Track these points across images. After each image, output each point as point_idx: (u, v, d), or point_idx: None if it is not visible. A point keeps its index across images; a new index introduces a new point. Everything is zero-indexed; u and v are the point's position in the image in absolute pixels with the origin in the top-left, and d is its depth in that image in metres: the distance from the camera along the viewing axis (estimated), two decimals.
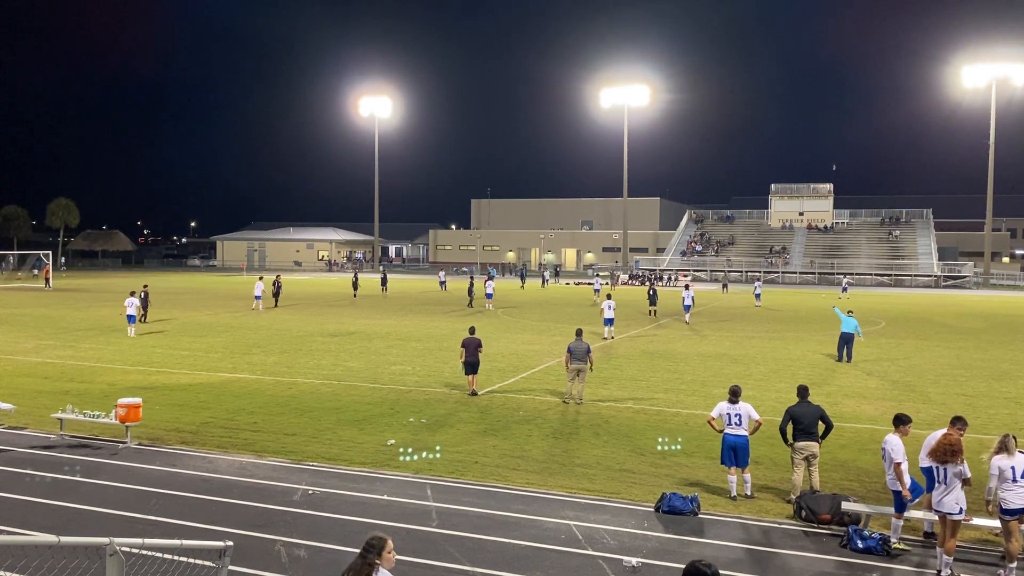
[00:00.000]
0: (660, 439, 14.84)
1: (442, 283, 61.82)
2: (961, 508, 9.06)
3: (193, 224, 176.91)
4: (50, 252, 70.48)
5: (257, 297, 40.50)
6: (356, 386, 20.07)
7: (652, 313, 39.88)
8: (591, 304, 46.81)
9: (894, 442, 10.09)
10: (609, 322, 30.27)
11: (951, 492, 9.08)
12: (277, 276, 46.42)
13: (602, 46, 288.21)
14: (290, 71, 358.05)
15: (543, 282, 71.25)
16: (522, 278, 70.56)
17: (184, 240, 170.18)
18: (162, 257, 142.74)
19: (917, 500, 10.25)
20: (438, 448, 14.12)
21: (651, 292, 41.15)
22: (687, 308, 36.87)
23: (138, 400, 14.62)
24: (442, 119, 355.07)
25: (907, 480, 9.98)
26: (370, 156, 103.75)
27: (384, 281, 58.07)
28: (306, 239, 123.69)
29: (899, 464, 9.88)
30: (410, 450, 13.91)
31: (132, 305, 30.25)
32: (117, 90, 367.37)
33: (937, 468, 9.20)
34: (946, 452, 9.13)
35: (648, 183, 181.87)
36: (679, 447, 14.50)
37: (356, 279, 53.59)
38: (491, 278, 57.43)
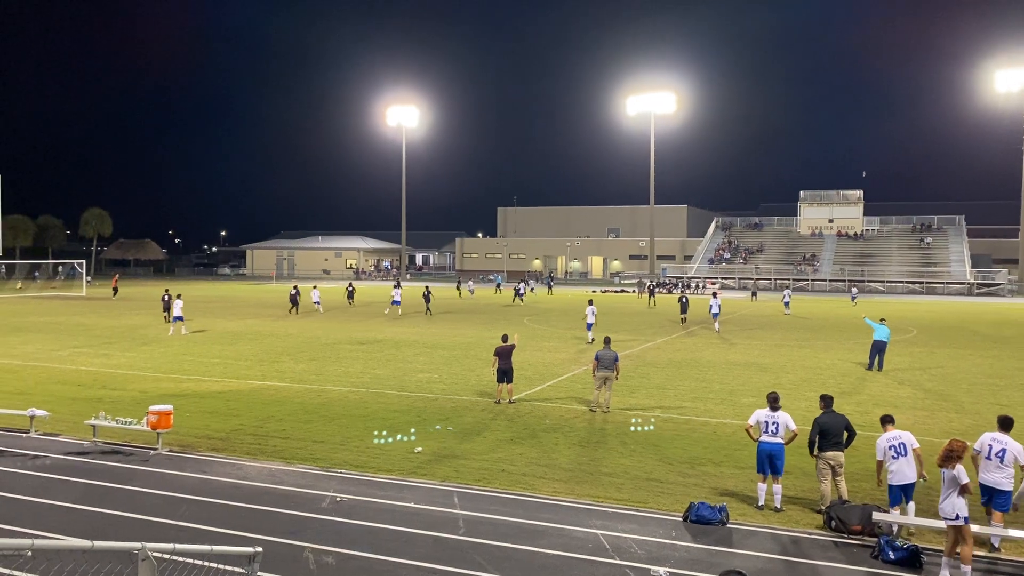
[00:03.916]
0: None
1: (470, 290, 66.00)
2: (958, 514, 8.98)
3: (223, 233, 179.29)
4: (83, 261, 71.71)
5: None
6: (384, 394, 20.16)
7: (683, 321, 39.81)
8: (511, 304, 52.88)
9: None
10: (590, 327, 31.71)
11: (947, 498, 9.12)
12: (294, 286, 49.44)
13: (628, 54, 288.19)
14: (319, 82, 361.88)
15: (517, 294, 56.45)
16: (548, 286, 71.68)
17: (215, 249, 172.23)
18: (193, 266, 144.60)
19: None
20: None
21: (682, 300, 41.05)
22: (715, 316, 36.87)
23: (169, 407, 14.80)
24: (469, 127, 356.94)
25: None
26: (397, 165, 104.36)
27: (427, 298, 47.02)
28: (334, 247, 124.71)
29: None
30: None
31: (177, 307, 33.84)
32: (150, 102, 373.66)
33: (943, 473, 9.31)
34: (942, 457, 9.24)
35: (675, 190, 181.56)
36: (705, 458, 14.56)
37: (351, 288, 52.91)
38: (499, 285, 58.88)
